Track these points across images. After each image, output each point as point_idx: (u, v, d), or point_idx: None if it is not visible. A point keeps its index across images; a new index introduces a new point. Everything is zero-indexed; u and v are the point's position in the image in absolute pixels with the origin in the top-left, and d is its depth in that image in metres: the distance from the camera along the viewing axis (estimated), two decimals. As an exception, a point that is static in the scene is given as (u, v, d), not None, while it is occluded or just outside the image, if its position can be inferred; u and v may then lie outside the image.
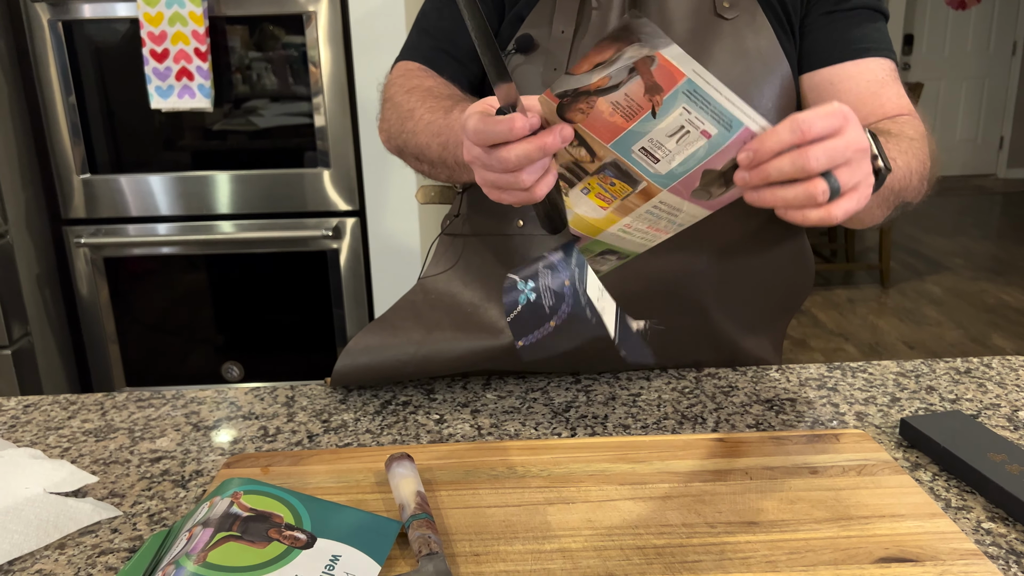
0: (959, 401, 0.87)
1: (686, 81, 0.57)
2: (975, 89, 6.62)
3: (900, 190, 0.79)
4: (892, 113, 0.88)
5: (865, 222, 0.84)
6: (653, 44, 0.56)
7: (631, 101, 0.59)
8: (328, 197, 2.00)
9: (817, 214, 0.59)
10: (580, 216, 0.68)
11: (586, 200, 0.66)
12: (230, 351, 2.12)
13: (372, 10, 1.86)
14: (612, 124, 0.60)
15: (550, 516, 0.65)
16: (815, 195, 0.58)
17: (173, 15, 1.81)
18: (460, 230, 1.00)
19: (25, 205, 1.97)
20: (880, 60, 0.90)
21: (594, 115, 0.60)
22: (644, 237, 0.70)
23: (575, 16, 0.89)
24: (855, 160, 0.59)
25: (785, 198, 0.59)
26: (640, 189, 0.64)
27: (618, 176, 0.64)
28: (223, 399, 0.92)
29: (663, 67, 0.57)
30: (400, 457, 0.69)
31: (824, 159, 0.57)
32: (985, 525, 0.65)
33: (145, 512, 0.70)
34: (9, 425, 0.87)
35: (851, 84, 0.89)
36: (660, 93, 0.58)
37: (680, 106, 0.58)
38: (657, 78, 0.58)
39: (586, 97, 0.59)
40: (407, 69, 0.96)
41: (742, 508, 0.65)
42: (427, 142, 0.86)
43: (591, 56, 0.58)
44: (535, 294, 0.71)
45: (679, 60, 0.57)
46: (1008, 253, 4.72)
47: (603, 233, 0.70)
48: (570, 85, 0.59)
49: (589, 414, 0.86)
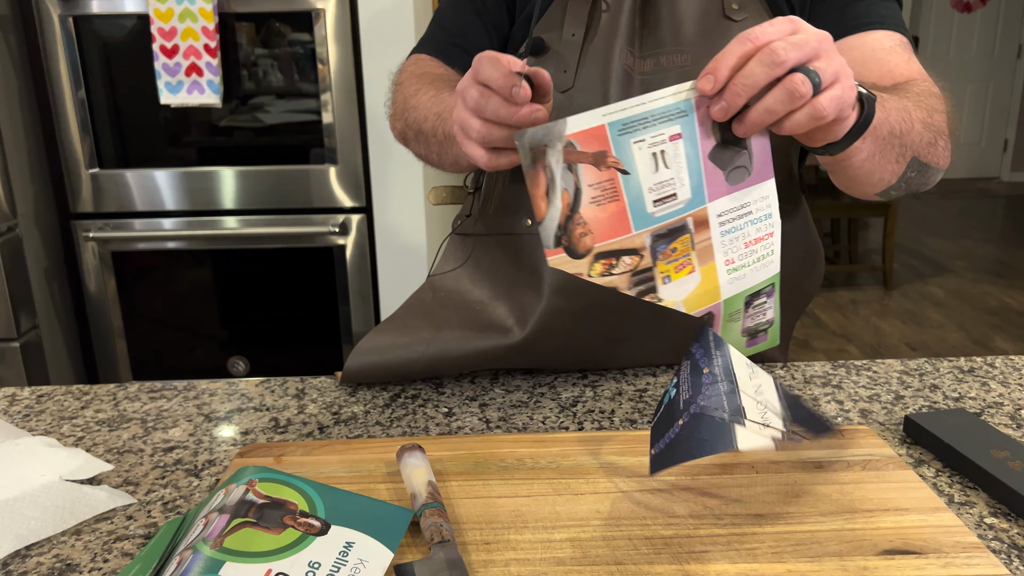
0: (962, 399, 0.88)
1: (610, 127, 0.56)
2: (980, 92, 6.63)
3: (902, 134, 0.74)
4: (901, 79, 0.84)
5: (876, 175, 0.76)
6: (557, 136, 0.56)
7: (600, 184, 0.57)
8: (335, 194, 2.01)
9: (805, 111, 0.57)
10: (690, 296, 0.63)
11: (676, 283, 0.62)
12: (236, 346, 2.13)
13: (382, 9, 1.87)
14: (613, 215, 0.58)
15: (559, 507, 0.66)
16: (796, 88, 0.55)
17: (183, 11, 1.82)
18: (471, 230, 1.01)
19: (34, 199, 1.99)
20: (888, 32, 0.87)
21: (595, 226, 0.58)
22: (756, 256, 0.64)
23: (585, 19, 0.90)
24: (824, 52, 0.57)
25: (769, 106, 0.56)
26: (693, 227, 0.60)
27: (668, 240, 0.60)
28: (234, 391, 0.93)
29: (584, 139, 0.56)
30: (412, 447, 0.70)
31: (791, 50, 0.55)
32: (988, 520, 0.66)
33: (159, 500, 0.71)
34: (24, 415, 0.88)
35: (855, 54, 0.86)
36: (607, 155, 0.57)
37: (631, 144, 0.57)
38: (590, 149, 0.57)
39: (571, 221, 0.58)
40: (420, 59, 0.98)
41: (748, 500, 0.66)
42: (424, 115, 0.87)
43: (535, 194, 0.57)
44: (676, 389, 0.64)
45: (587, 122, 0.56)
46: (1011, 256, 4.72)
47: (722, 289, 0.64)
48: (553, 225, 0.58)
49: (596, 409, 0.87)
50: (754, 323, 0.68)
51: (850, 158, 0.71)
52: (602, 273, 0.60)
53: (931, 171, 0.81)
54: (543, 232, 0.59)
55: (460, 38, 0.97)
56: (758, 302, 0.67)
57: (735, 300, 0.65)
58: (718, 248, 0.62)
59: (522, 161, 0.58)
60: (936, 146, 0.78)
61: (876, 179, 0.77)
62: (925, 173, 0.80)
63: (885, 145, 0.73)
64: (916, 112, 0.76)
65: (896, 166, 0.76)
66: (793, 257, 0.99)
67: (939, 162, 0.80)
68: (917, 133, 0.75)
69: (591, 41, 0.90)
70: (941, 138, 0.79)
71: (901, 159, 0.76)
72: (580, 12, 0.91)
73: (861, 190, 0.80)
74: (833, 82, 0.58)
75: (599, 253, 0.59)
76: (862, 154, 0.70)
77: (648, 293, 0.62)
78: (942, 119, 0.80)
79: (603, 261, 0.60)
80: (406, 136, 0.95)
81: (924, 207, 5.95)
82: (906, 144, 0.75)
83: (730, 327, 0.67)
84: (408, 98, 0.92)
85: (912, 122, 0.75)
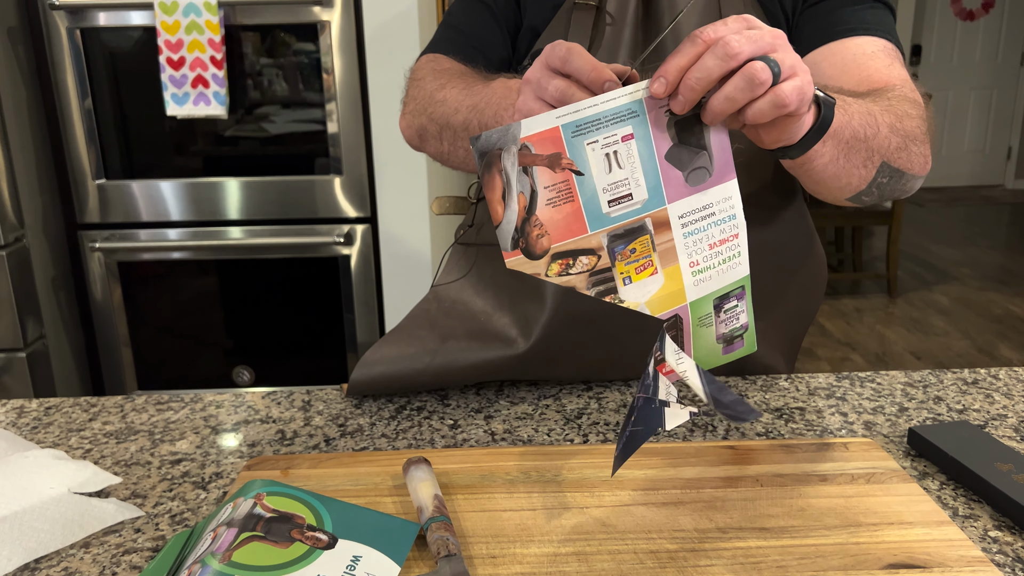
0: (966, 411, 0.88)
1: (563, 129, 0.56)
2: (983, 99, 6.63)
3: (867, 138, 0.73)
4: (880, 84, 0.83)
5: (843, 179, 0.75)
6: (512, 139, 0.56)
7: (555, 186, 0.58)
8: (340, 204, 2.02)
9: (767, 99, 0.56)
10: (654, 298, 0.63)
11: (637, 285, 0.62)
12: (241, 355, 2.14)
13: (386, 20, 1.88)
14: (568, 215, 0.59)
15: (565, 520, 0.66)
16: (756, 74, 0.55)
17: (190, 23, 1.83)
18: (474, 239, 1.01)
19: (42, 209, 2.00)
20: (871, 38, 0.86)
21: (551, 227, 0.59)
22: (721, 257, 0.64)
23: (590, 31, 0.91)
24: (780, 47, 0.57)
25: (729, 94, 0.56)
26: (653, 228, 0.60)
27: (626, 241, 0.60)
28: (240, 403, 0.93)
29: (538, 141, 0.57)
30: (418, 461, 0.70)
31: (745, 43, 0.55)
32: (992, 533, 0.66)
33: (167, 513, 0.72)
34: (32, 427, 0.89)
35: (835, 59, 0.86)
36: (561, 156, 0.57)
37: (584, 146, 0.57)
38: (545, 151, 0.57)
39: (528, 223, 0.58)
40: (437, 58, 0.97)
41: (753, 514, 0.67)
42: (456, 107, 0.85)
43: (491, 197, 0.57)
44: None
45: (541, 124, 0.56)
46: (1016, 264, 4.72)
47: (687, 291, 0.63)
48: (510, 228, 0.58)
49: (601, 421, 0.87)
50: (728, 329, 0.67)
51: (812, 161, 0.70)
52: (559, 273, 0.61)
53: (906, 177, 0.79)
54: (500, 235, 0.59)
55: (475, 39, 0.97)
56: (729, 306, 0.66)
57: (703, 303, 0.64)
58: (681, 250, 0.62)
59: (477, 165, 0.58)
60: (907, 151, 0.77)
61: (843, 183, 0.76)
62: (899, 179, 0.79)
63: (849, 149, 0.72)
64: (883, 116, 0.75)
65: (864, 171, 0.75)
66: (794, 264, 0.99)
67: (914, 168, 0.79)
68: (884, 137, 0.75)
69: (594, 53, 0.91)
70: (913, 143, 0.78)
71: (869, 164, 0.75)
72: (584, 24, 0.92)
73: (830, 195, 0.79)
74: (792, 74, 0.58)
75: (556, 253, 0.60)
76: (824, 158, 0.70)
77: (608, 293, 0.62)
78: (915, 124, 0.78)
79: (560, 261, 0.60)
80: (425, 133, 0.92)
81: (928, 215, 5.95)
82: (873, 148, 0.74)
83: (702, 333, 0.66)
84: (433, 92, 0.90)
85: (878, 126, 0.74)
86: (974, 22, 6.46)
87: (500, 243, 0.59)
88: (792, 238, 0.98)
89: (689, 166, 0.60)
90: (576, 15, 0.92)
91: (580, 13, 0.92)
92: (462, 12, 1.00)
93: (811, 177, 0.75)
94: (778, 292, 0.99)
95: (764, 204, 0.93)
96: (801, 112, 0.61)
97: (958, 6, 6.40)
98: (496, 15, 0.98)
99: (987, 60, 6.55)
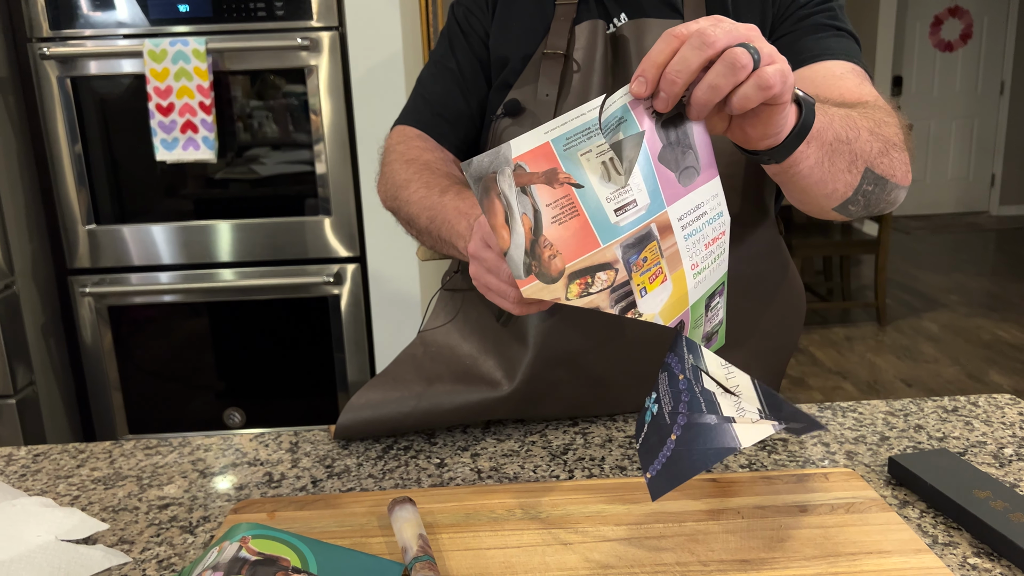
0: (946, 439, 0.89)
1: (554, 143, 0.56)
2: (965, 128, 6.73)
3: (849, 140, 0.73)
4: (852, 100, 0.83)
5: (829, 185, 0.74)
6: (504, 161, 0.56)
7: (557, 202, 0.56)
8: (329, 244, 2.04)
9: (752, 83, 0.56)
10: (665, 306, 0.61)
11: (652, 295, 0.60)
12: (232, 397, 2.14)
13: (373, 66, 1.92)
14: (577, 231, 0.57)
15: (548, 557, 0.67)
16: (737, 59, 0.55)
17: (179, 70, 1.86)
18: (460, 285, 1.03)
19: (32, 255, 2.01)
20: (839, 62, 0.88)
21: (562, 246, 0.57)
22: (713, 256, 0.64)
23: (558, 80, 0.94)
24: (756, 37, 0.57)
25: (712, 81, 0.56)
26: (660, 233, 0.59)
27: (638, 249, 0.59)
28: (228, 446, 0.94)
29: (531, 159, 0.56)
30: (402, 501, 0.71)
31: (721, 34, 0.55)
32: (971, 560, 0.67)
33: (154, 558, 0.72)
34: (20, 474, 0.89)
35: (805, 84, 0.86)
36: (557, 171, 0.56)
37: (578, 156, 0.56)
38: (539, 168, 0.56)
39: (537, 245, 0.57)
40: (406, 136, 1.01)
41: (734, 547, 0.67)
42: (417, 213, 0.90)
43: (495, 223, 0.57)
44: (657, 405, 0.62)
45: (531, 142, 0.56)
46: (1003, 289, 4.76)
47: (690, 294, 0.63)
48: (519, 252, 0.57)
49: (587, 456, 0.88)
50: (711, 326, 0.66)
51: (797, 165, 0.69)
52: (580, 294, 0.58)
53: (890, 186, 0.79)
54: (511, 262, 0.57)
55: (440, 106, 1.01)
56: (713, 303, 0.66)
57: (699, 304, 0.64)
58: (684, 253, 0.61)
59: (474, 192, 0.57)
60: (889, 156, 0.77)
61: (829, 189, 0.75)
62: (884, 187, 0.79)
63: (832, 152, 0.71)
64: (862, 121, 0.75)
65: (849, 176, 0.75)
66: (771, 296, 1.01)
67: (896, 175, 0.79)
68: (865, 140, 0.75)
69: (564, 100, 0.94)
70: (894, 149, 0.78)
71: (853, 168, 0.75)
72: (553, 73, 0.94)
73: (816, 204, 0.78)
74: (772, 60, 0.58)
75: (572, 273, 0.58)
76: (809, 160, 0.69)
77: (630, 309, 0.59)
78: (893, 131, 0.79)
79: (578, 281, 0.58)
80: (396, 215, 0.98)
81: (915, 242, 6.00)
82: (856, 152, 0.74)
83: (695, 334, 0.66)
84: (399, 188, 0.95)
85: (858, 129, 0.74)
86: (953, 53, 6.58)
87: (512, 271, 0.57)
88: (768, 270, 0.99)
89: (680, 166, 0.59)
90: (544, 64, 0.95)
91: (548, 62, 0.95)
92: (430, 79, 1.04)
93: (797, 184, 0.74)
94: (756, 324, 1.00)
95: (738, 237, 0.94)
96: (786, 99, 0.60)
97: (936, 37, 6.53)
98: (460, 81, 1.02)
99: (967, 90, 6.66)
